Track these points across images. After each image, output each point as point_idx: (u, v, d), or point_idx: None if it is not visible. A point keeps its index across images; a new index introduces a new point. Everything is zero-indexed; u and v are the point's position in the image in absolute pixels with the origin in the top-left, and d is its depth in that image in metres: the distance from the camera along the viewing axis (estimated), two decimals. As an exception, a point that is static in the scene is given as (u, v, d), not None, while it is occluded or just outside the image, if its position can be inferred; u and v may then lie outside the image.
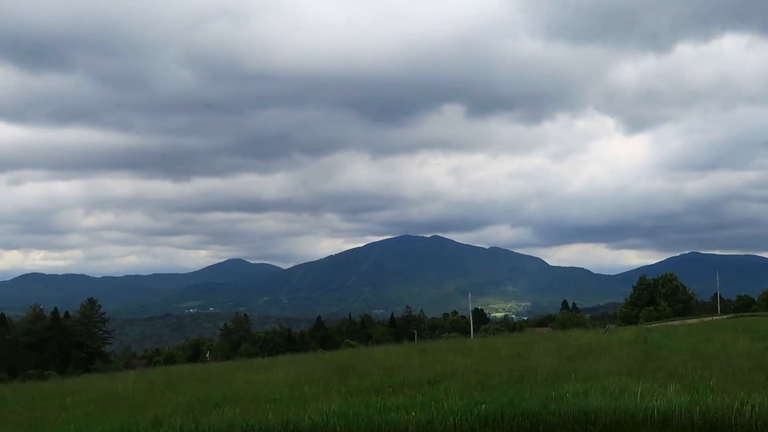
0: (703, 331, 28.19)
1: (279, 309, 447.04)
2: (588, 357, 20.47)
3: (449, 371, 19.21)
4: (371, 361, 25.11)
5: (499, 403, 13.38)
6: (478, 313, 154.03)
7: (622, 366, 17.50)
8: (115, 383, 27.38)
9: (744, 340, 23.10)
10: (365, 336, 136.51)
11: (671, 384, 13.90)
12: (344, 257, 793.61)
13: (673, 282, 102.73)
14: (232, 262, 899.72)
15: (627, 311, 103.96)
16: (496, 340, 35.67)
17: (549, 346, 25.07)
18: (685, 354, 19.87)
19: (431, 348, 30.52)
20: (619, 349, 21.94)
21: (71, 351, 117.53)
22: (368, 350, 38.63)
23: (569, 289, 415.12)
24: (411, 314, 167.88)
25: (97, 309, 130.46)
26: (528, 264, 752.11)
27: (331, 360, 29.56)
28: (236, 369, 30.46)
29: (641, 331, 33.27)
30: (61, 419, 17.31)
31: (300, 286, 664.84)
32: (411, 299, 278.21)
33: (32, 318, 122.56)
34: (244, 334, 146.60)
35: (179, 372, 32.64)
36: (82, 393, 24.52)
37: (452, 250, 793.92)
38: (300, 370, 24.23)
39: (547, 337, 32.55)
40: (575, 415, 12.47)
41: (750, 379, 14.28)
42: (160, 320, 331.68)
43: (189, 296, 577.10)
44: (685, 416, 11.89)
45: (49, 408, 20.81)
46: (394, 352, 29.62)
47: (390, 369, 21.54)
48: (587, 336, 29.95)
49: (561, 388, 14.40)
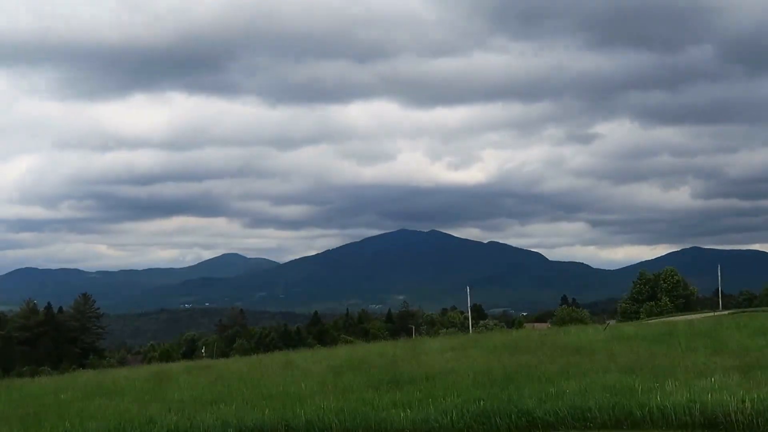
0: (704, 327, 28.12)
1: (275, 304, 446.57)
2: (586, 353, 20.38)
3: (446, 368, 19.11)
4: (368, 357, 24.99)
5: (497, 400, 13.28)
6: (477, 308, 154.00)
7: (621, 363, 17.41)
8: (109, 379, 27.22)
9: (744, 335, 23.04)
10: (362, 331, 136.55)
11: (671, 380, 13.81)
12: (341, 252, 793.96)
13: (674, 277, 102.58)
14: (227, 256, 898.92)
15: (627, 307, 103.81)
16: (494, 336, 35.59)
17: (547, 342, 24.99)
18: (685, 350, 19.79)
19: (428, 344, 30.39)
20: (618, 346, 21.85)
21: (65, 346, 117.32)
22: (365, 346, 38.54)
23: (568, 284, 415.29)
24: (408, 310, 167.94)
25: (91, 304, 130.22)
26: (527, 259, 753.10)
27: (327, 356, 29.43)
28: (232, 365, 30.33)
29: (641, 327, 33.23)
30: (56, 415, 17.16)
31: (297, 281, 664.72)
32: (409, 294, 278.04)
33: (25, 313, 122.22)
34: (240, 329, 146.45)
35: (174, 368, 32.47)
36: (76, 389, 24.35)
37: (450, 245, 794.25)
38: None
39: (546, 333, 32.49)
40: (573, 413, 12.38)
41: (750, 376, 14.18)
42: (155, 315, 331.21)
43: (184, 291, 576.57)
44: (684, 413, 11.82)
45: (44, 404, 20.64)
46: (390, 348, 29.49)
47: (386, 365, 21.42)
48: (586, 332, 29.88)
49: (559, 386, 14.30)
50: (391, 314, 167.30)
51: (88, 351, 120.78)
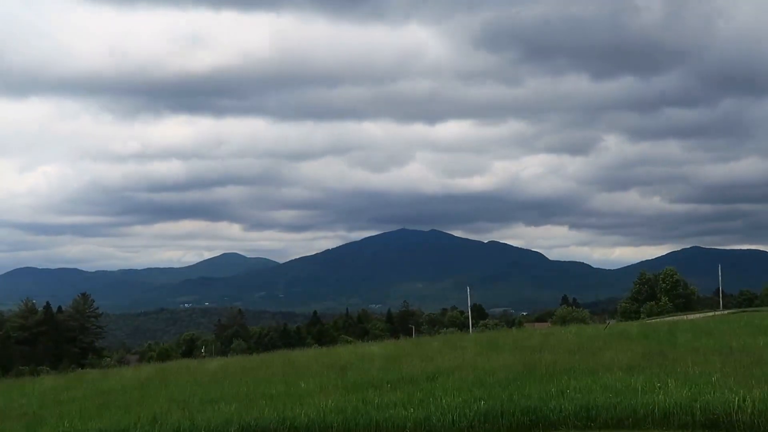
0: (704, 326, 28.12)
1: (275, 304, 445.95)
2: (588, 352, 20.36)
3: (447, 367, 19.10)
4: (368, 357, 24.98)
5: (499, 400, 13.27)
6: (477, 308, 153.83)
7: (623, 362, 17.39)
8: (109, 379, 27.20)
9: (745, 335, 23.02)
10: (362, 331, 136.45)
11: (672, 380, 13.80)
12: (341, 251, 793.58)
13: (674, 277, 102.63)
14: (227, 256, 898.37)
15: (627, 306, 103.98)
16: (495, 336, 35.61)
17: (548, 341, 24.98)
18: (686, 349, 19.77)
19: (429, 343, 30.40)
20: (620, 345, 21.83)
21: (64, 346, 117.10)
22: (365, 346, 38.52)
23: (569, 284, 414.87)
24: (409, 309, 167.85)
25: (90, 303, 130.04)
26: (527, 258, 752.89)
27: (327, 355, 29.43)
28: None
29: (642, 327, 33.23)
30: (56, 415, 17.13)
31: (296, 280, 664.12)
32: (409, 294, 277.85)
33: (24, 313, 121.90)
34: (239, 329, 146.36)
35: (174, 368, 32.46)
36: (76, 389, 24.34)
37: (450, 245, 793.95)
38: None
39: (547, 333, 32.48)
40: (576, 412, 12.38)
41: (751, 375, 14.16)
42: (154, 315, 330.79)
43: (183, 291, 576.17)
44: (686, 412, 11.83)
45: (43, 404, 20.62)
46: (391, 348, 29.50)
47: (388, 365, 21.41)
48: (587, 331, 29.88)
49: (561, 384, 14.30)
50: (391, 314, 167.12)
51: (87, 350, 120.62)
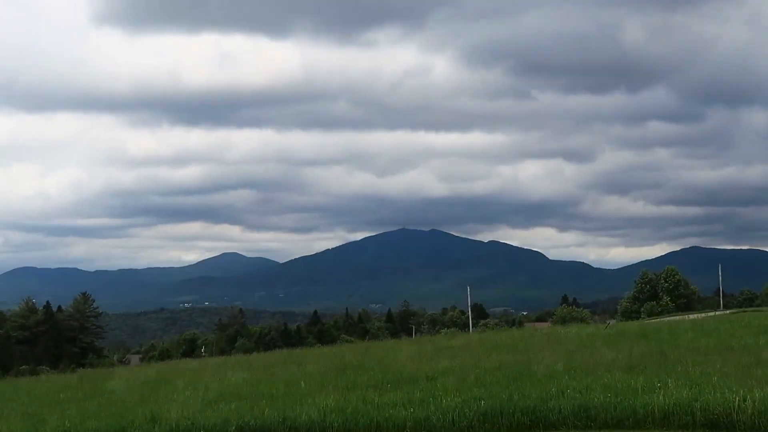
0: (705, 326, 28.10)
1: (275, 303, 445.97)
2: (588, 352, 20.35)
3: (447, 367, 19.09)
4: (368, 357, 24.97)
5: (498, 400, 13.26)
6: (478, 308, 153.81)
7: (623, 362, 17.38)
8: (109, 379, 27.18)
9: (746, 335, 23.00)
10: (362, 331, 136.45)
11: (672, 380, 13.79)
12: (341, 251, 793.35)
13: (675, 276, 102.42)
14: (227, 255, 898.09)
15: (628, 306, 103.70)
16: (495, 336, 35.59)
17: (549, 341, 24.97)
18: (686, 349, 19.76)
19: (429, 343, 30.40)
20: (620, 345, 21.82)
21: (64, 346, 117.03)
22: (365, 345, 38.51)
23: (569, 284, 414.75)
24: (409, 309, 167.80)
25: (91, 303, 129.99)
26: (527, 258, 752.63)
27: (328, 355, 29.42)
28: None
29: (642, 326, 33.20)
30: (56, 415, 17.11)
31: (296, 280, 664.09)
32: (409, 294, 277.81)
33: (24, 312, 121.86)
34: (240, 328, 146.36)
35: (174, 367, 32.47)
36: (76, 388, 24.34)
37: (450, 245, 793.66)
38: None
39: (547, 333, 32.47)
40: (575, 412, 12.36)
41: (751, 375, 14.15)
42: (155, 315, 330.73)
43: (184, 290, 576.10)
44: (686, 412, 11.80)
45: (43, 404, 20.62)
46: (391, 348, 29.50)
47: (387, 365, 21.40)
48: (588, 331, 29.88)
49: (561, 384, 14.28)
50: (391, 314, 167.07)
51: (87, 350, 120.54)
